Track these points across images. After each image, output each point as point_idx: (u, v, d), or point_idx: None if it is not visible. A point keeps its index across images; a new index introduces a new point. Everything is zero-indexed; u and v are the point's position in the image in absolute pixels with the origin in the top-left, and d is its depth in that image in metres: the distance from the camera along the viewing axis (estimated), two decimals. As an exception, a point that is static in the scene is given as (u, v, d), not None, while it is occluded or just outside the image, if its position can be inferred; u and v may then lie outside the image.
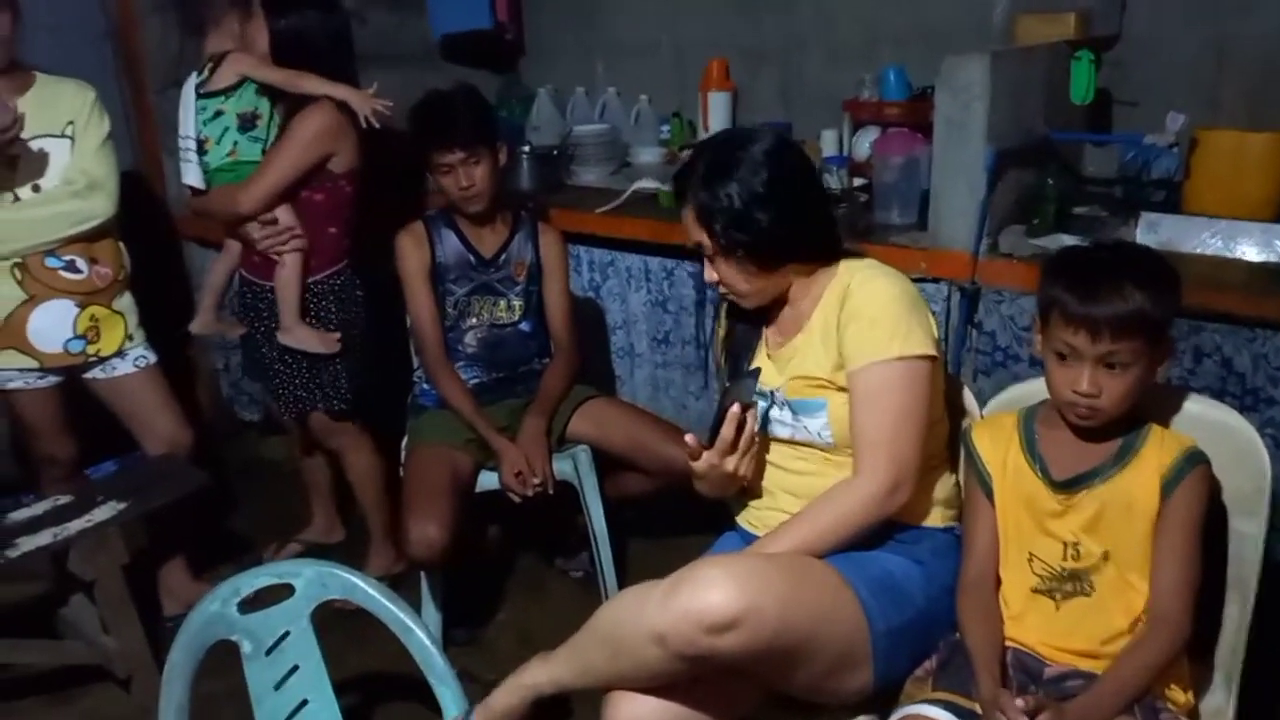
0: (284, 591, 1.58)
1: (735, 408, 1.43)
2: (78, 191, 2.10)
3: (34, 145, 2.05)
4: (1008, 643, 1.37)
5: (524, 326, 2.31)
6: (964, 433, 1.48)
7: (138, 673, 2.05)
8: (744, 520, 1.59)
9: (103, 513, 1.99)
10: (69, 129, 2.11)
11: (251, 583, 1.58)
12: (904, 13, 2.74)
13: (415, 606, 1.66)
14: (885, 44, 2.76)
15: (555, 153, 2.95)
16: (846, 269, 1.48)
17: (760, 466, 1.54)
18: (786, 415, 1.50)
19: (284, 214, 2.22)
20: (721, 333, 1.65)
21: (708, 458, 1.45)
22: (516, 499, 2.15)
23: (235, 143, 2.25)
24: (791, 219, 1.44)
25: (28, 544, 1.90)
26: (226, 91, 2.25)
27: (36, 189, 2.08)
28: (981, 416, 1.57)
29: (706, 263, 1.50)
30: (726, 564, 1.30)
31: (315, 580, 1.59)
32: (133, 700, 2.06)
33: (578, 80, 3.30)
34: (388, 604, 1.58)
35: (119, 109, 2.90)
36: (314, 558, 1.94)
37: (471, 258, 2.25)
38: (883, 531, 1.43)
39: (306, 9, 2.19)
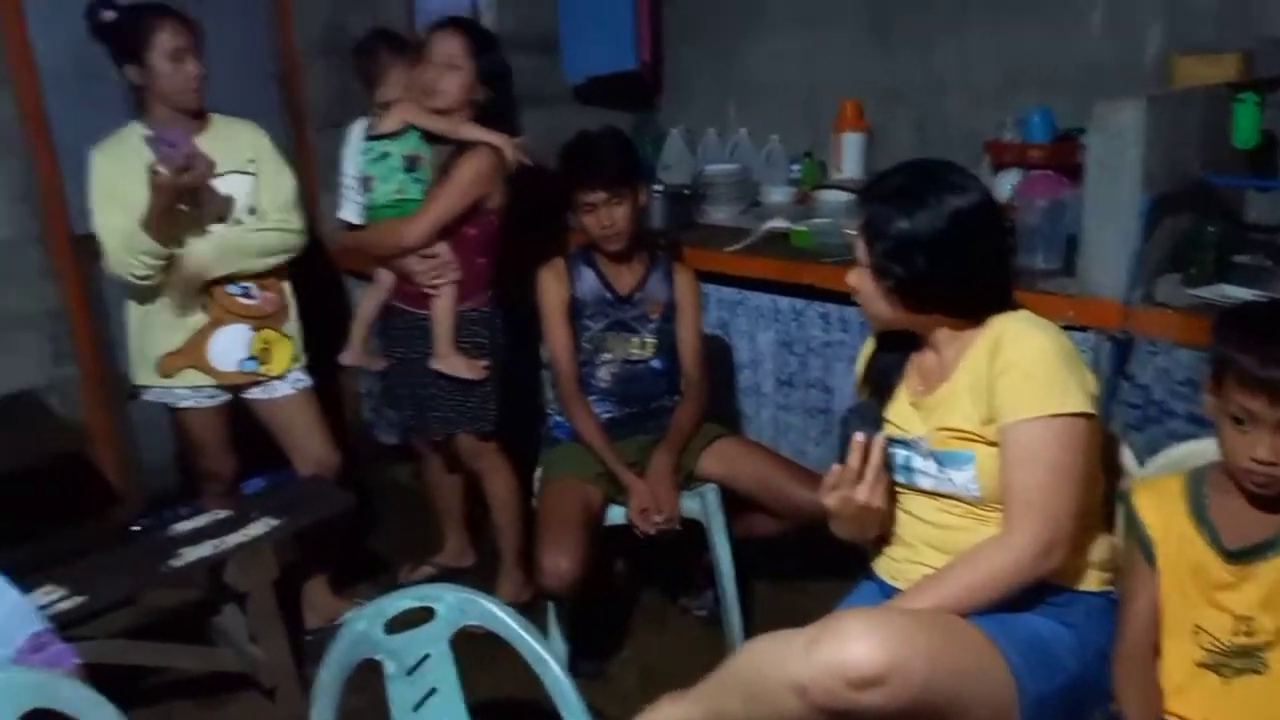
0: (425, 614, 1.64)
1: (859, 436, 1.42)
2: (269, 225, 2.26)
3: (219, 182, 2.20)
4: (1169, 718, 1.30)
5: (656, 364, 2.34)
6: (1124, 494, 1.42)
7: (282, 683, 2.14)
8: (883, 571, 1.56)
9: (257, 528, 2.10)
10: (250, 165, 2.27)
11: (396, 605, 1.63)
12: (1048, 53, 2.68)
13: (541, 634, 1.69)
14: (1028, 85, 2.70)
15: (686, 192, 2.99)
16: (999, 320, 1.44)
17: (893, 513, 1.52)
18: (931, 466, 1.47)
19: (442, 248, 2.34)
20: (866, 354, 1.63)
21: (839, 491, 1.45)
22: (642, 535, 2.17)
23: (401, 182, 2.40)
24: (951, 278, 1.41)
25: (190, 554, 2.02)
26: (392, 135, 2.40)
27: (221, 219, 2.23)
28: (1140, 476, 1.50)
29: (854, 268, 1.49)
30: (872, 618, 1.29)
31: (456, 606, 1.64)
32: (276, 710, 2.15)
33: (710, 120, 3.34)
34: (524, 635, 1.61)
35: (283, 147, 3.10)
36: (446, 581, 2.01)
37: (608, 294, 2.30)
38: (1033, 593, 1.38)
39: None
